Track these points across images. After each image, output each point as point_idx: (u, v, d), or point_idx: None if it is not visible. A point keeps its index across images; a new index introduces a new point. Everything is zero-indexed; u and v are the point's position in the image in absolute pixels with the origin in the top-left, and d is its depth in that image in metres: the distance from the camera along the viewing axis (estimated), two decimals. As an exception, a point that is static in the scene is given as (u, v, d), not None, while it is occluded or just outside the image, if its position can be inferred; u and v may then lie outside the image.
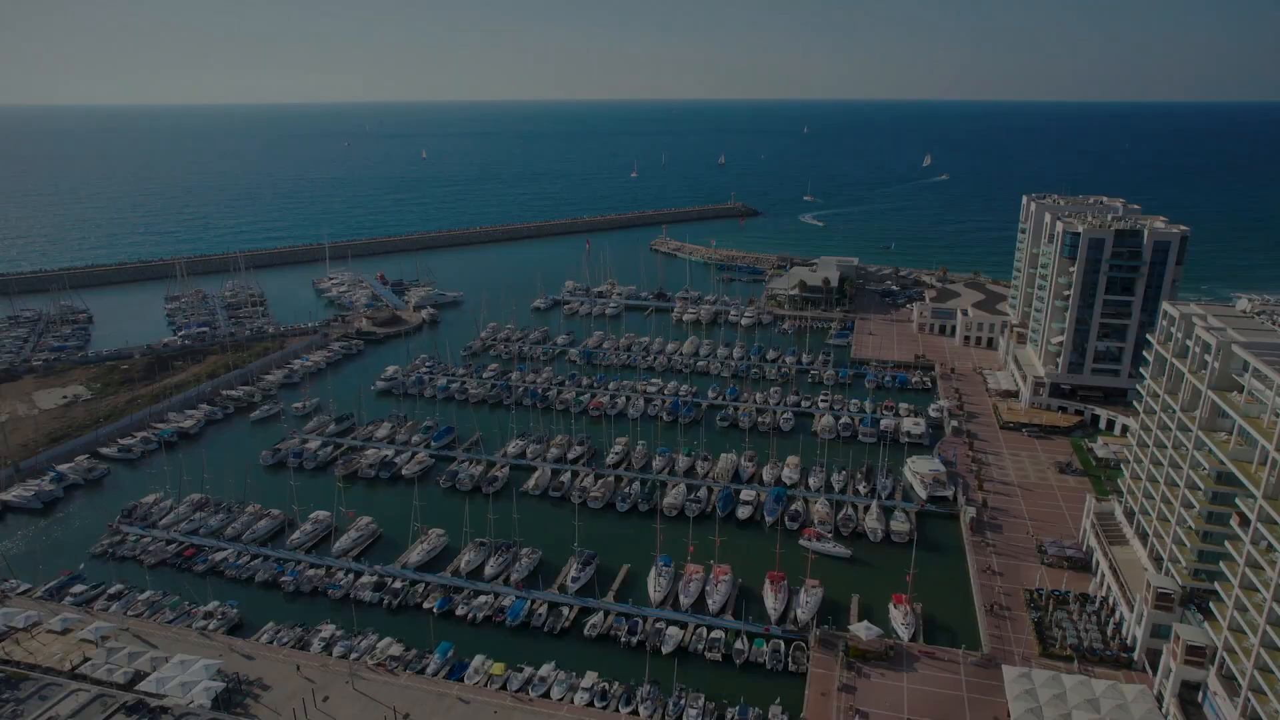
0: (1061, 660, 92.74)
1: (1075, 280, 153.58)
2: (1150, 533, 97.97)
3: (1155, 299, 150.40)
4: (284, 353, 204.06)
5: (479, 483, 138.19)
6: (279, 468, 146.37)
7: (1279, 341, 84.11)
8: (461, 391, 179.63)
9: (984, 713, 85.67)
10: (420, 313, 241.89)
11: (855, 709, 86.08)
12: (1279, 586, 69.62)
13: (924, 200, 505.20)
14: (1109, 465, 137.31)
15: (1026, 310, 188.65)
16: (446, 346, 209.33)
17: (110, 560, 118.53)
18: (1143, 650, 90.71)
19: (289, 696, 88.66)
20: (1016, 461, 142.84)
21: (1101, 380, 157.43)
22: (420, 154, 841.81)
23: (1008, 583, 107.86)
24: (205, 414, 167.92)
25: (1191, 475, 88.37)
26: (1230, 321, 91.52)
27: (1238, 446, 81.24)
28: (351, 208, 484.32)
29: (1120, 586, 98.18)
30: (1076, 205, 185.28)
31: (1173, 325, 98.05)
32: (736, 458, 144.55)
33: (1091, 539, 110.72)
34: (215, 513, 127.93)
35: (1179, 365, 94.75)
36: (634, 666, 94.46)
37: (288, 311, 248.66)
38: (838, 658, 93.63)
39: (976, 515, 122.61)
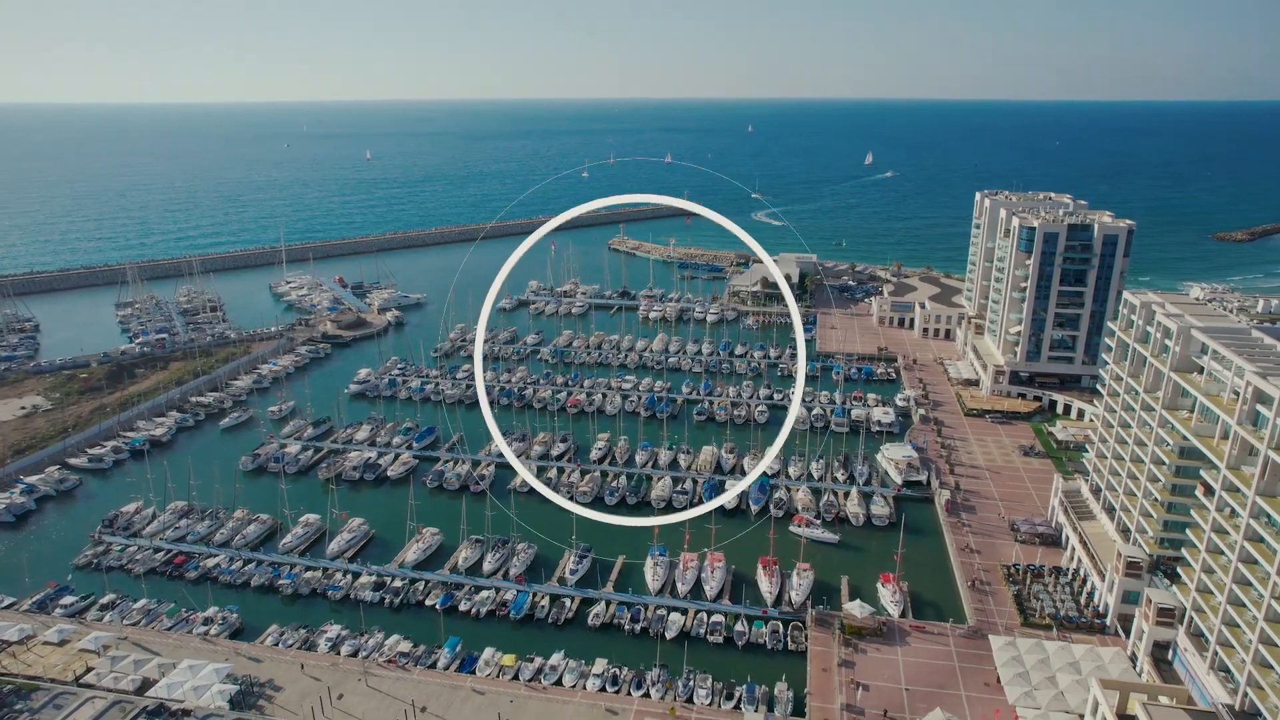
0: (1041, 629, 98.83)
1: (1031, 272, 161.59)
2: (1117, 507, 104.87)
3: (1105, 289, 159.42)
4: (250, 358, 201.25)
5: (466, 481, 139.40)
6: (260, 473, 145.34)
7: (1233, 326, 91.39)
8: (437, 393, 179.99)
9: (975, 680, 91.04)
10: (385, 315, 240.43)
11: (856, 682, 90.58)
12: (1243, 549, 76.08)
13: (872, 197, 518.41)
14: (1069, 447, 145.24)
15: (983, 302, 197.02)
16: (420, 348, 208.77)
17: (96, 571, 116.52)
18: (1115, 616, 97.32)
19: (302, 696, 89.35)
20: (983, 446, 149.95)
21: (1057, 367, 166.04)
22: (365, 155, 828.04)
23: (985, 559, 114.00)
24: (176, 421, 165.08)
25: (1156, 451, 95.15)
26: (1187, 308, 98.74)
27: (1199, 423, 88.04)
28: (299, 210, 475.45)
29: (1091, 558, 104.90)
30: (1027, 201, 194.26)
31: (1133, 313, 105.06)
32: (717, 450, 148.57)
33: (1060, 515, 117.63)
34: (201, 519, 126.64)
35: (1141, 350, 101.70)
36: (640, 652, 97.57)
37: (246, 316, 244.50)
38: (834, 635, 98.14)
39: (950, 498, 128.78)
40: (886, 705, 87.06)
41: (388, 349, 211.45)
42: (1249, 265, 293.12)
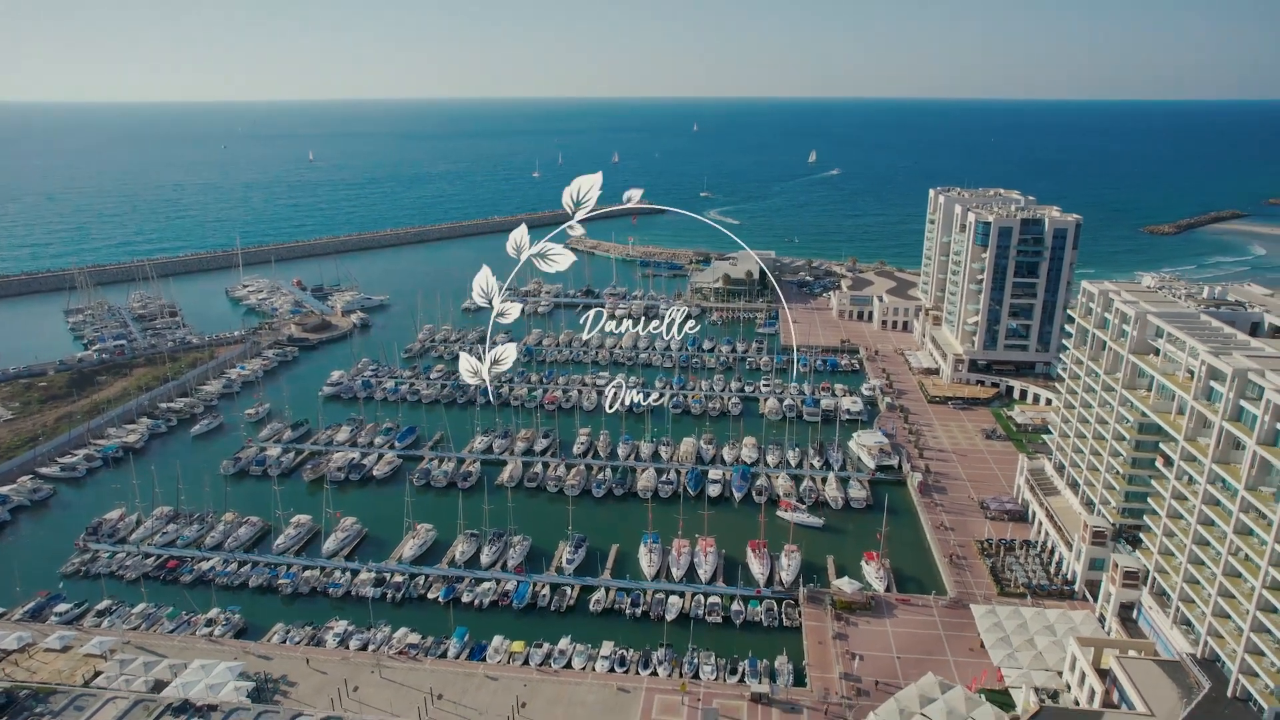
0: (1016, 597, 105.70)
1: (988, 265, 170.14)
2: (1081, 482, 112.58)
3: (1056, 280, 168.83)
4: (217, 362, 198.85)
5: (454, 479, 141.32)
6: (242, 476, 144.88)
7: (1184, 311, 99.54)
8: (413, 393, 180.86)
9: (960, 645, 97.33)
10: (350, 317, 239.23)
11: (851, 652, 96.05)
12: (1201, 512, 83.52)
13: (820, 195, 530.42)
14: (1028, 430, 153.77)
15: (939, 294, 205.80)
16: (391, 349, 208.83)
17: (85, 578, 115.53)
18: (1083, 582, 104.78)
19: (317, 690, 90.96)
20: (948, 431, 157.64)
21: (1013, 355, 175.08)
22: (308, 156, 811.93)
23: (959, 536, 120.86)
24: (148, 427, 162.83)
25: (1117, 428, 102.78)
26: (1141, 295, 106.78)
27: (1156, 400, 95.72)
28: (247, 213, 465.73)
29: (1058, 530, 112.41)
30: (979, 197, 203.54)
31: (1091, 301, 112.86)
32: (696, 441, 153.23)
33: (1026, 493, 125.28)
34: (189, 524, 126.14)
35: (1100, 335, 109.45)
36: (643, 634, 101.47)
37: (205, 321, 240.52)
38: (826, 611, 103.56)
39: (923, 480, 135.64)
40: (881, 673, 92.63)
41: (356, 351, 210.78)
42: (1178, 256, 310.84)
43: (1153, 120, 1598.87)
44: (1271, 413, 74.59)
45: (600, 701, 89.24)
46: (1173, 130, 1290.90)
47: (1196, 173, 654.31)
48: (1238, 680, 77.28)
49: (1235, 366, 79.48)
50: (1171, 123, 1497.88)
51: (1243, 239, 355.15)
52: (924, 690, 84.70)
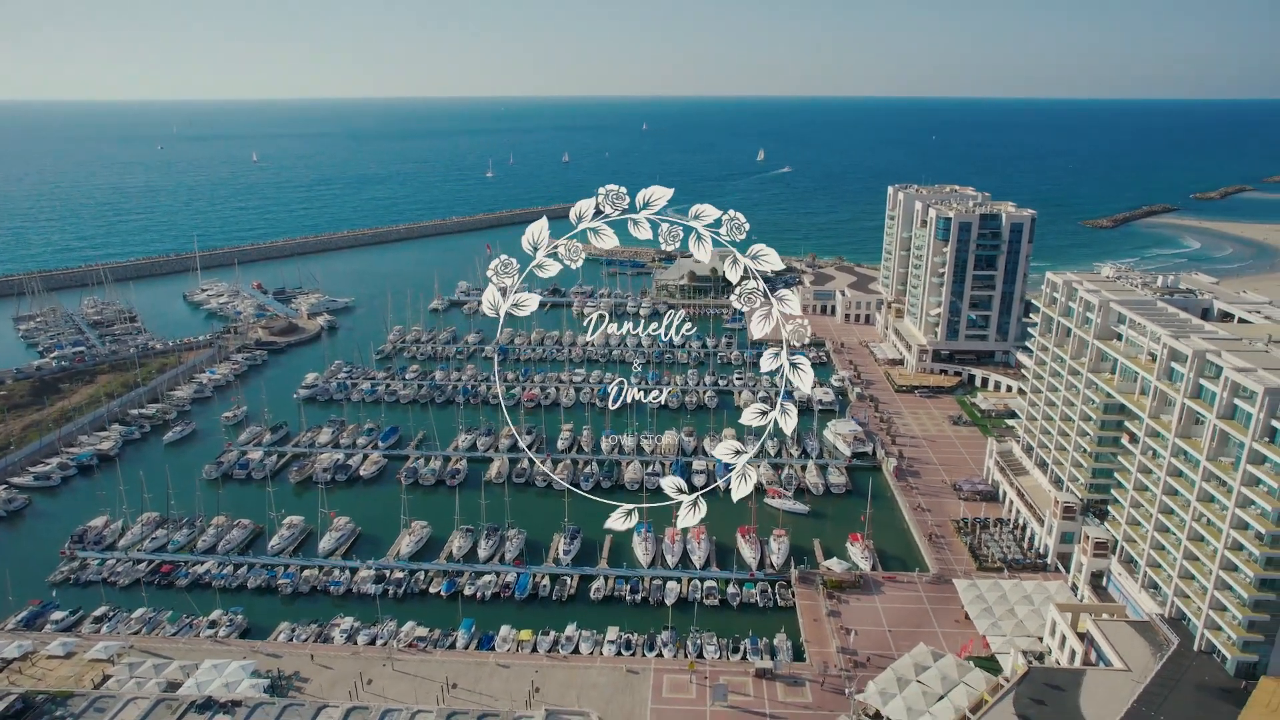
0: (993, 571, 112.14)
1: (949, 259, 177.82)
2: (1049, 461, 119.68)
3: (1013, 272, 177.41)
4: (185, 367, 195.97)
5: (442, 476, 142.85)
6: (225, 480, 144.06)
7: (1143, 299, 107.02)
8: (390, 394, 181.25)
9: (946, 618, 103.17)
10: (316, 320, 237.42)
11: (844, 628, 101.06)
12: (1166, 483, 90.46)
13: (773, 192, 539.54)
14: (992, 416, 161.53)
15: (901, 288, 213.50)
16: (363, 350, 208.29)
17: (75, 586, 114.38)
18: (1054, 555, 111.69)
19: (331, 685, 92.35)
20: (916, 418, 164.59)
21: (974, 344, 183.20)
22: (251, 157, 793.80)
23: (936, 516, 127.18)
24: (121, 434, 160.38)
25: (1084, 409, 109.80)
26: (1102, 285, 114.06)
27: (1120, 382, 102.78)
28: (192, 215, 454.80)
29: (1029, 508, 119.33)
30: (936, 194, 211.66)
31: (1055, 291, 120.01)
32: (677, 433, 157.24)
33: (996, 474, 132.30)
34: (178, 528, 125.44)
35: (1065, 322, 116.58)
36: (645, 619, 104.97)
37: (163, 326, 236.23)
38: (818, 590, 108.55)
39: (898, 465, 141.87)
40: (874, 646, 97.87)
41: (326, 353, 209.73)
42: (1117, 249, 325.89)
43: (1088, 118, 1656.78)
44: (1230, 389, 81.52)
45: (611, 683, 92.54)
46: (1107, 128, 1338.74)
47: (1129, 169, 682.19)
48: (1203, 635, 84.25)
49: (1195, 348, 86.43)
50: (1106, 121, 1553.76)
51: (1175, 232, 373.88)
52: (918, 659, 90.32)
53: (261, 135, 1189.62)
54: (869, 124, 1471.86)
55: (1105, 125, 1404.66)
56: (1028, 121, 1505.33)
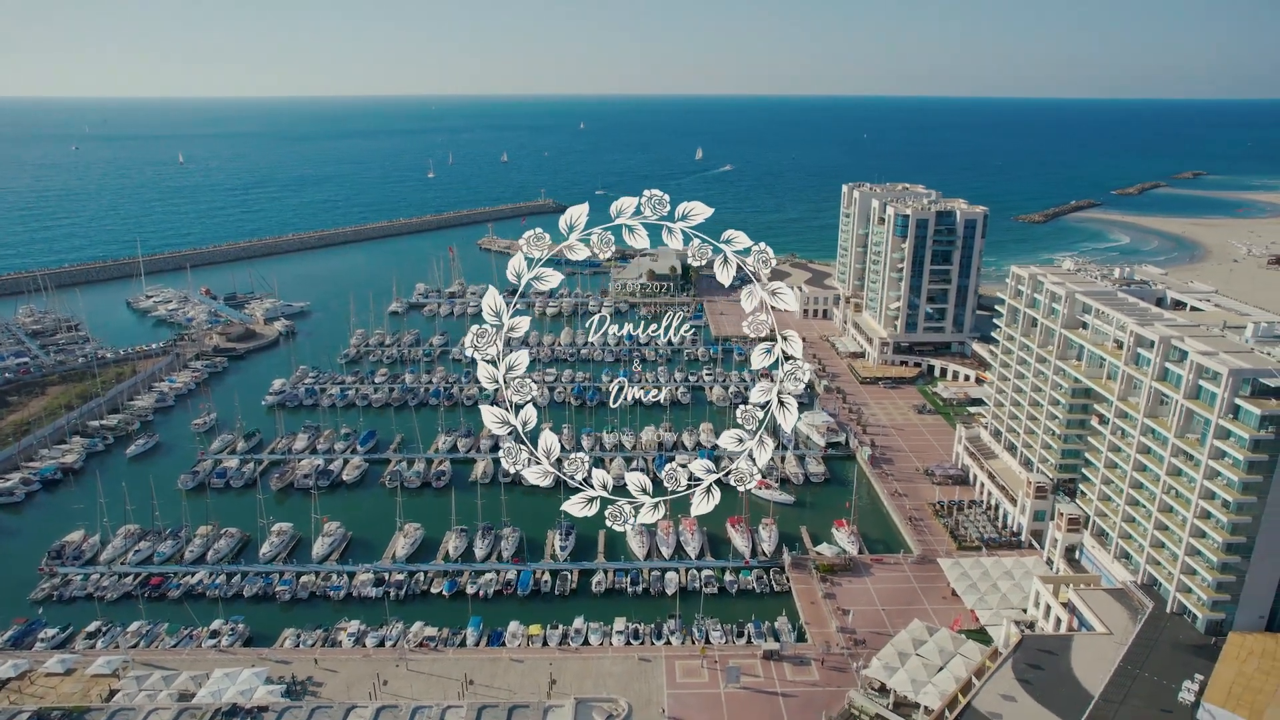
0: (973, 550, 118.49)
1: (907, 255, 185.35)
2: (1018, 445, 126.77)
3: (968, 266, 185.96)
4: (143, 376, 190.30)
5: (427, 479, 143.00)
6: (202, 490, 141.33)
7: (1104, 290, 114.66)
8: (362, 398, 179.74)
9: (934, 595, 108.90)
10: (274, 325, 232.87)
11: (841, 609, 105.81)
12: (1136, 460, 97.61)
13: (718, 191, 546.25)
14: (954, 404, 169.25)
15: (858, 283, 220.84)
16: (331, 355, 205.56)
17: (59, 603, 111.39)
18: (1028, 532, 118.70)
19: (347, 688, 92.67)
20: (883, 408, 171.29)
21: (932, 336, 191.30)
22: (178, 158, 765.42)
23: (913, 500, 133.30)
24: (84, 446, 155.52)
25: (1052, 394, 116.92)
26: (1065, 278, 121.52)
27: (1088, 368, 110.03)
28: (121, 219, 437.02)
29: (1000, 489, 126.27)
30: (889, 191, 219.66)
31: (1020, 283, 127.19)
32: (657, 430, 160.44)
33: (966, 458, 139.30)
34: (162, 540, 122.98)
35: (1031, 313, 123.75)
36: (648, 609, 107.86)
37: (107, 334, 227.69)
38: (812, 574, 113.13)
39: (872, 454, 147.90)
40: (871, 624, 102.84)
41: (289, 358, 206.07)
42: (1052, 243, 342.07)
43: (1013, 116, 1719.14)
44: (1195, 371, 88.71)
45: (625, 672, 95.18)
46: (1033, 126, 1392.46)
47: (1055, 166, 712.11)
48: (1174, 598, 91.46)
49: (1160, 335, 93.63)
50: (1032, 119, 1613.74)
51: (1102, 226, 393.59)
52: (914, 635, 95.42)
53: (183, 135, 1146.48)
54: (802, 122, 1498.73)
55: (1031, 124, 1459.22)
56: (957, 120, 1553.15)
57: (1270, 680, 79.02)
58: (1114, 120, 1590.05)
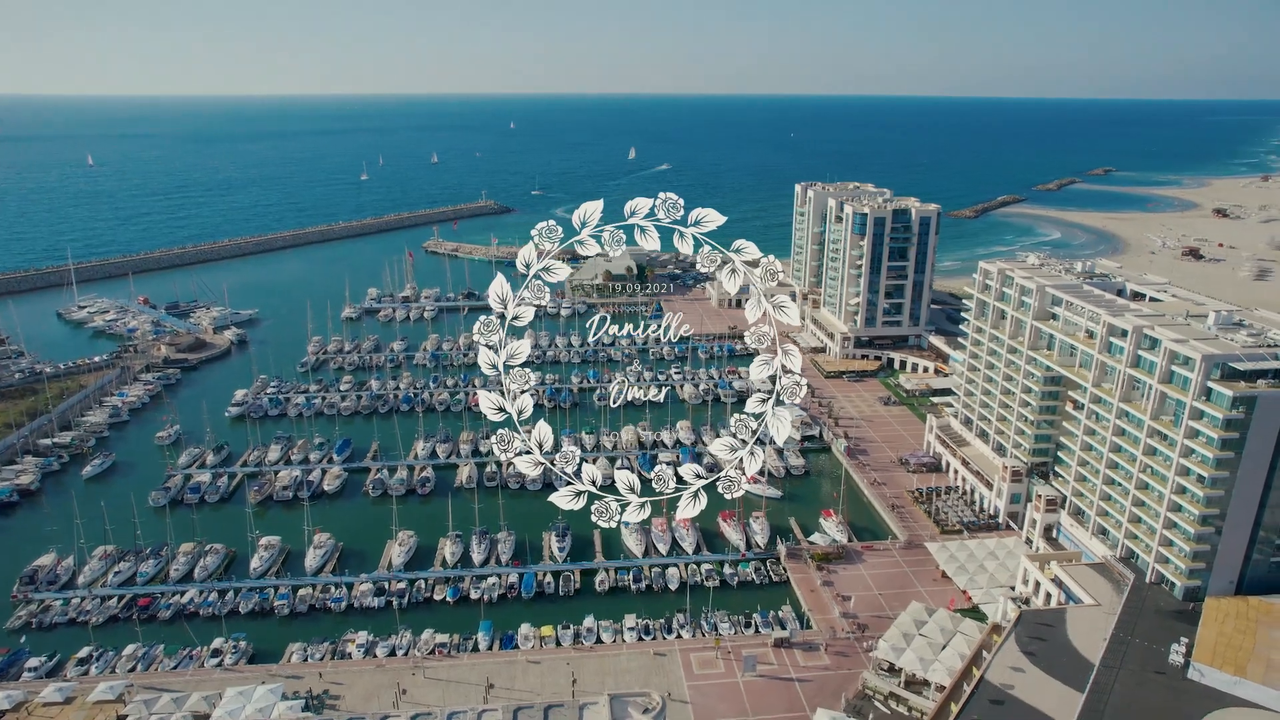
0: (955, 534, 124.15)
1: (866, 252, 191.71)
2: (991, 431, 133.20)
3: (922, 262, 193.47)
4: (91, 390, 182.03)
5: (411, 486, 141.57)
6: (176, 505, 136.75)
7: (1071, 283, 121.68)
8: (330, 406, 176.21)
9: (926, 577, 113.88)
10: (225, 334, 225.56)
11: (840, 595, 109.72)
12: (1112, 442, 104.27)
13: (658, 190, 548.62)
14: (916, 395, 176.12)
15: (814, 280, 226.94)
16: (289, 363, 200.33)
17: (40, 630, 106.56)
18: (1005, 515, 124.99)
19: (366, 699, 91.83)
20: (850, 401, 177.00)
21: (890, 330, 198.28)
22: (86, 160, 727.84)
23: (892, 489, 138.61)
24: (39, 466, 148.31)
25: (1025, 383, 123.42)
26: (1034, 272, 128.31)
27: (1060, 356, 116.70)
28: (32, 226, 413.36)
29: (975, 475, 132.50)
30: (841, 190, 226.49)
31: (988, 279, 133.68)
32: (636, 429, 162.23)
33: (938, 446, 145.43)
34: (143, 560, 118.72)
35: (1000, 306, 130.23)
36: (655, 604, 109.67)
37: (42, 347, 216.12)
38: (807, 564, 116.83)
39: (848, 445, 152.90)
40: (870, 608, 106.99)
41: (246, 368, 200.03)
42: (986, 238, 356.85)
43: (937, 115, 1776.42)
44: (1167, 357, 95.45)
45: (643, 667, 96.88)
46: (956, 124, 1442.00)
47: (981, 163, 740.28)
48: (1153, 569, 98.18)
49: (1134, 324, 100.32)
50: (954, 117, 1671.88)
51: (1030, 221, 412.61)
52: (915, 615, 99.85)
53: (86, 136, 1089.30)
54: (730, 121, 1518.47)
55: (955, 122, 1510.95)
56: (881, 119, 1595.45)
57: (1248, 639, 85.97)
58: (1030, 119, 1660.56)
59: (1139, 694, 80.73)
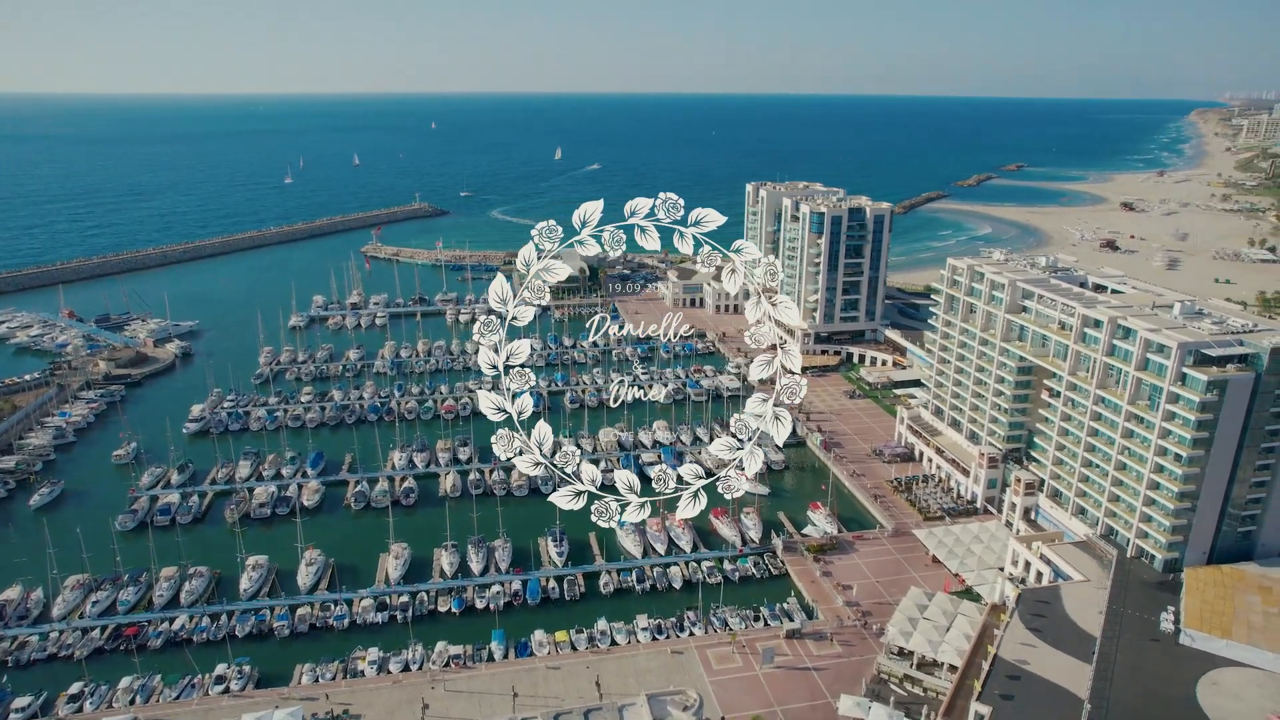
0: (937, 520, 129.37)
1: (824, 250, 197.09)
2: (964, 420, 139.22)
3: (877, 259, 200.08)
4: (29, 410, 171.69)
5: (395, 497, 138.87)
6: (144, 529, 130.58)
7: (1040, 277, 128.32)
8: (294, 419, 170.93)
9: (918, 563, 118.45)
10: (167, 347, 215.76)
11: (841, 585, 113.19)
12: (1090, 427, 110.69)
13: (591, 192, 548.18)
14: (879, 387, 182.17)
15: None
16: (242, 375, 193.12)
17: (18, 668, 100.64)
18: (983, 500, 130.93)
19: (388, 716, 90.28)
20: (817, 396, 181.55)
21: (848, 325, 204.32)
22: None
23: (870, 479, 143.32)
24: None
25: (998, 373, 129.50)
26: (1002, 268, 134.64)
27: (1033, 347, 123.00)
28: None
29: (950, 462, 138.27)
30: (792, 189, 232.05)
31: (957, 274, 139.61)
32: (614, 431, 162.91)
33: (910, 437, 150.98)
34: (123, 587, 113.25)
35: (970, 300, 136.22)
36: (662, 603, 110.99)
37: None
38: (804, 556, 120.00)
39: (824, 439, 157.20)
40: (871, 595, 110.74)
41: (194, 381, 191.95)
42: (918, 234, 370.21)
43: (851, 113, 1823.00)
44: (1143, 346, 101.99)
45: (662, 666, 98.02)
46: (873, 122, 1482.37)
47: (903, 160, 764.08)
48: (1133, 544, 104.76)
49: (1108, 315, 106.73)
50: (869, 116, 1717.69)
51: (957, 216, 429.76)
52: (915, 600, 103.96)
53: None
54: (650, 120, 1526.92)
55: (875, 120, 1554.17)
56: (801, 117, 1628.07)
57: (1228, 604, 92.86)
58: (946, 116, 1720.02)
59: (1140, 660, 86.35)
